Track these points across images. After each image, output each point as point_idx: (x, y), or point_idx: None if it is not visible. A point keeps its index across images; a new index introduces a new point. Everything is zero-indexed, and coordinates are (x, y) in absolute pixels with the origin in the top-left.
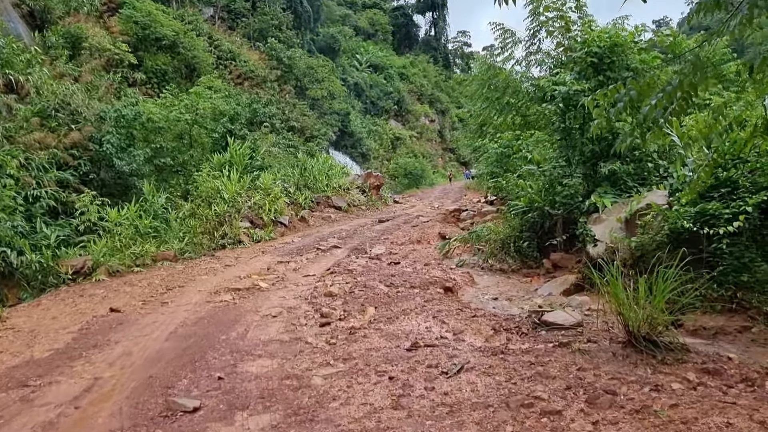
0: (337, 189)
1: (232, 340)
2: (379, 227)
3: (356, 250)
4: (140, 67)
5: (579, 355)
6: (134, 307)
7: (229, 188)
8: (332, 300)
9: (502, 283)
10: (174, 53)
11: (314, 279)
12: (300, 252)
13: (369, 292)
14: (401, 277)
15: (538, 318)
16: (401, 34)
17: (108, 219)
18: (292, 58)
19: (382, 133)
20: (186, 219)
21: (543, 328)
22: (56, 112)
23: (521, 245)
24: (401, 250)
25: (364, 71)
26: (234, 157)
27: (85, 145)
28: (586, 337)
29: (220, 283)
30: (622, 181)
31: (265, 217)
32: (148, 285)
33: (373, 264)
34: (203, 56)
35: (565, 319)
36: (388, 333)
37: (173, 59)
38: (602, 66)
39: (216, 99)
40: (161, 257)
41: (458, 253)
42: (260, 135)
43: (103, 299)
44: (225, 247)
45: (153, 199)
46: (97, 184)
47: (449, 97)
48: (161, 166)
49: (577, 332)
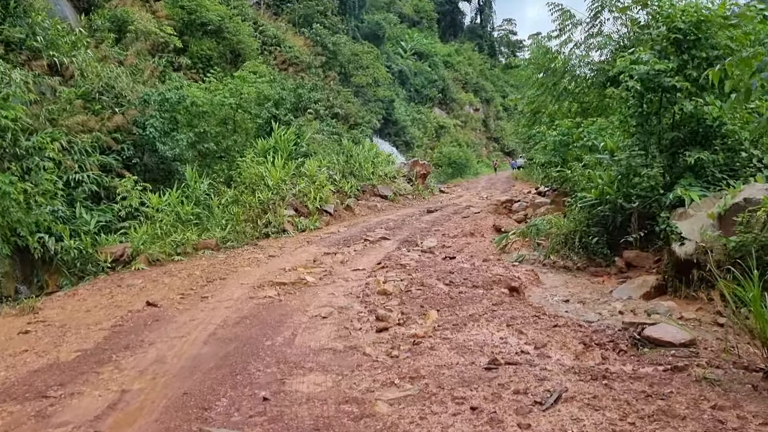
0: (382, 177)
1: (278, 347)
2: (428, 218)
3: (406, 243)
4: (185, 52)
5: (707, 386)
6: (172, 302)
7: (273, 175)
8: (387, 299)
9: (571, 282)
10: (219, 38)
11: (364, 274)
12: (347, 243)
13: (427, 291)
14: (460, 274)
15: (637, 332)
16: (446, 21)
17: (149, 205)
18: (337, 44)
19: (426, 122)
20: (229, 206)
21: (645, 345)
22: (100, 95)
23: (588, 241)
24: (454, 244)
25: (408, 59)
26: (278, 143)
27: (128, 128)
28: (704, 359)
29: (263, 275)
30: (709, 172)
31: (310, 205)
32: (188, 276)
33: (427, 258)
34: (248, 41)
35: (673, 335)
36: (458, 344)
37: (218, 44)
38: (686, 44)
39: (261, 83)
40: (202, 246)
41: (516, 248)
42: (305, 121)
43: (140, 291)
44: (268, 236)
45: (195, 185)
46: (140, 168)
47: (494, 86)
48: (204, 152)
49: (691, 353)
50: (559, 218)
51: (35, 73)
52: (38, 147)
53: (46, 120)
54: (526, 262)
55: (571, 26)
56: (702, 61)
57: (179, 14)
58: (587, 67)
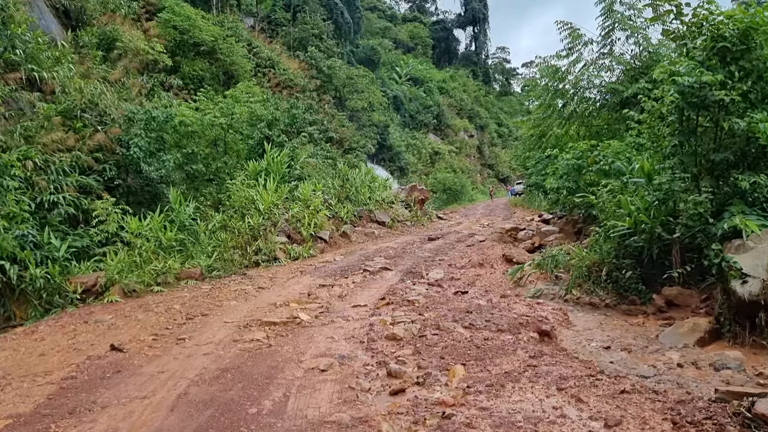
0: (379, 202)
1: (266, 417)
2: (431, 246)
3: (411, 274)
4: (177, 72)
5: None
6: (141, 345)
7: (265, 198)
8: (398, 347)
9: (606, 324)
10: (212, 59)
11: (367, 311)
12: (344, 273)
13: (446, 336)
14: (479, 314)
15: (745, 406)
16: (441, 48)
17: (128, 230)
18: (332, 68)
19: (420, 147)
20: (216, 232)
21: (760, 427)
22: (82, 113)
23: (620, 275)
24: (464, 275)
25: (403, 84)
26: (271, 165)
27: (111, 148)
28: None
29: (251, 312)
30: (762, 198)
31: (304, 232)
32: (166, 311)
33: (436, 293)
34: (242, 62)
35: None
36: (501, 419)
37: (211, 65)
38: (732, 54)
39: (253, 103)
40: (186, 275)
41: (531, 281)
42: (299, 143)
43: (108, 329)
44: (258, 264)
45: (180, 208)
46: (123, 191)
47: (489, 112)
48: (193, 174)
49: None
50: (579, 248)
51: (11, 87)
52: (6, 165)
53: (21, 137)
54: (545, 297)
55: (581, 45)
56: (749, 73)
57: (171, 34)
58: (597, 89)
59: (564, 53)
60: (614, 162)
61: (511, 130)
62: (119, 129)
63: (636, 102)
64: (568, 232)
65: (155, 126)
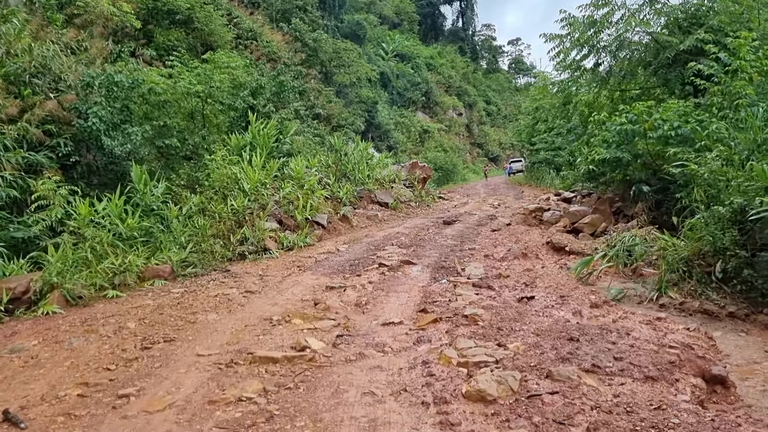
0: (380, 182)
1: None
2: (450, 231)
3: (442, 270)
4: (151, 43)
5: None
6: (54, 413)
7: (250, 176)
8: (498, 421)
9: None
10: (188, 29)
11: (408, 335)
12: (355, 269)
13: (573, 396)
14: (592, 343)
15: None
16: (427, 24)
17: (77, 217)
18: (318, 41)
19: (409, 126)
20: (193, 217)
21: None
22: (33, 78)
23: (751, 273)
24: (511, 271)
25: (390, 60)
26: (257, 139)
27: (66, 119)
28: None
29: (237, 334)
30: None
31: (298, 216)
32: (115, 332)
33: (493, 300)
34: (221, 32)
35: None
36: None
37: (188, 35)
38: None
39: (235, 69)
40: (152, 274)
41: (599, 276)
42: (287, 114)
43: (22, 368)
44: (245, 257)
45: (145, 189)
46: (82, 170)
47: (477, 90)
48: (166, 149)
49: None
50: (669, 235)
51: None
52: None
53: None
54: (629, 301)
55: None
56: None
57: (143, 0)
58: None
59: (600, 1)
60: (680, 127)
61: (500, 108)
62: (75, 96)
63: (690, 58)
64: (604, 213)
65: (119, 93)
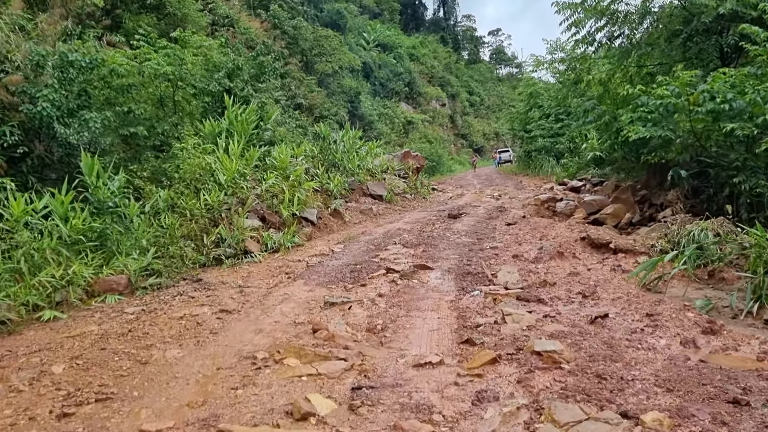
0: (371, 172)
1: None
2: (460, 227)
3: (468, 276)
4: (119, 29)
5: None
6: None
7: (227, 166)
8: None
9: None
10: (161, 14)
11: (458, 387)
12: (356, 275)
13: None
14: (751, 410)
15: None
16: (408, 14)
17: (9, 218)
18: (298, 29)
19: (393, 117)
20: (159, 215)
21: None
22: None
23: None
24: (552, 275)
25: (372, 50)
26: (234, 125)
27: (12, 104)
28: None
29: (205, 386)
30: None
31: (284, 211)
32: (30, 385)
33: (556, 321)
34: (195, 17)
35: None
36: None
37: (159, 21)
38: None
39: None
40: (103, 287)
41: (666, 281)
42: (268, 98)
43: None
44: (221, 262)
45: (98, 182)
46: (33, 162)
47: (459, 80)
48: (131, 139)
49: None
50: (762, 230)
51: None
52: None
53: None
54: (720, 316)
55: None
56: None
57: None
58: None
59: None
60: (734, 99)
61: (482, 99)
62: (22, 78)
63: (725, 24)
64: (626, 202)
65: (75, 75)
